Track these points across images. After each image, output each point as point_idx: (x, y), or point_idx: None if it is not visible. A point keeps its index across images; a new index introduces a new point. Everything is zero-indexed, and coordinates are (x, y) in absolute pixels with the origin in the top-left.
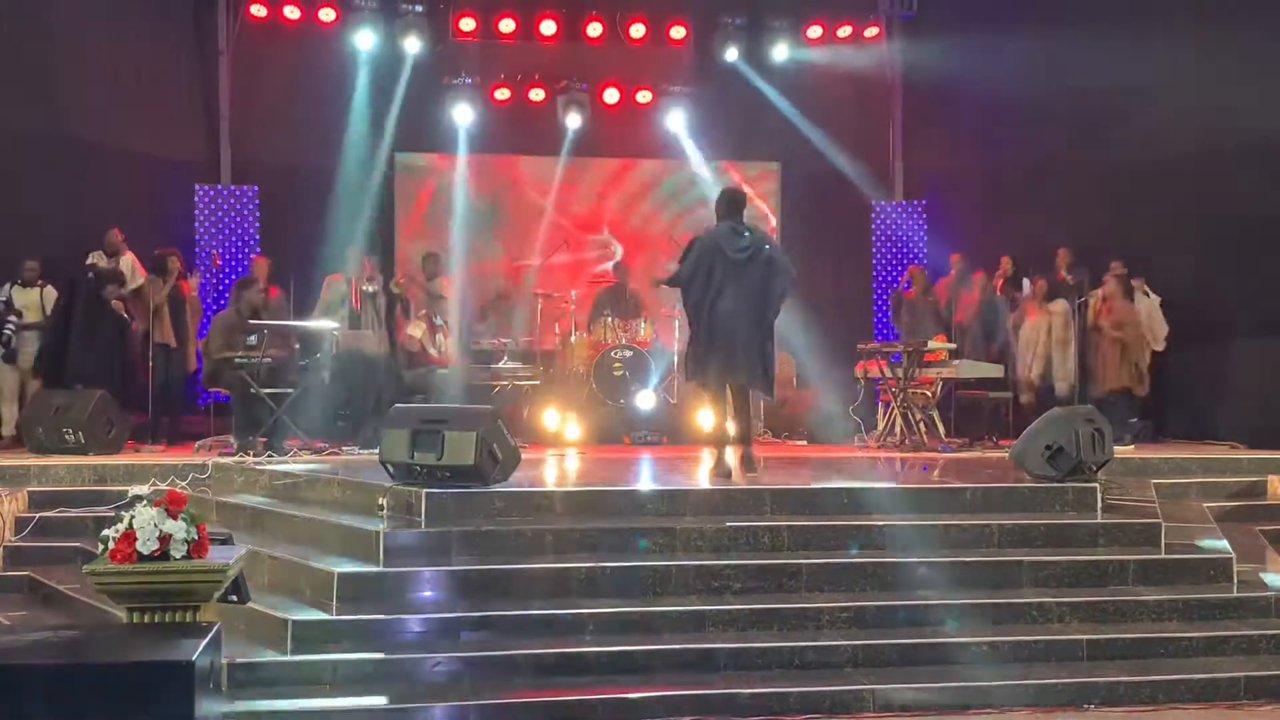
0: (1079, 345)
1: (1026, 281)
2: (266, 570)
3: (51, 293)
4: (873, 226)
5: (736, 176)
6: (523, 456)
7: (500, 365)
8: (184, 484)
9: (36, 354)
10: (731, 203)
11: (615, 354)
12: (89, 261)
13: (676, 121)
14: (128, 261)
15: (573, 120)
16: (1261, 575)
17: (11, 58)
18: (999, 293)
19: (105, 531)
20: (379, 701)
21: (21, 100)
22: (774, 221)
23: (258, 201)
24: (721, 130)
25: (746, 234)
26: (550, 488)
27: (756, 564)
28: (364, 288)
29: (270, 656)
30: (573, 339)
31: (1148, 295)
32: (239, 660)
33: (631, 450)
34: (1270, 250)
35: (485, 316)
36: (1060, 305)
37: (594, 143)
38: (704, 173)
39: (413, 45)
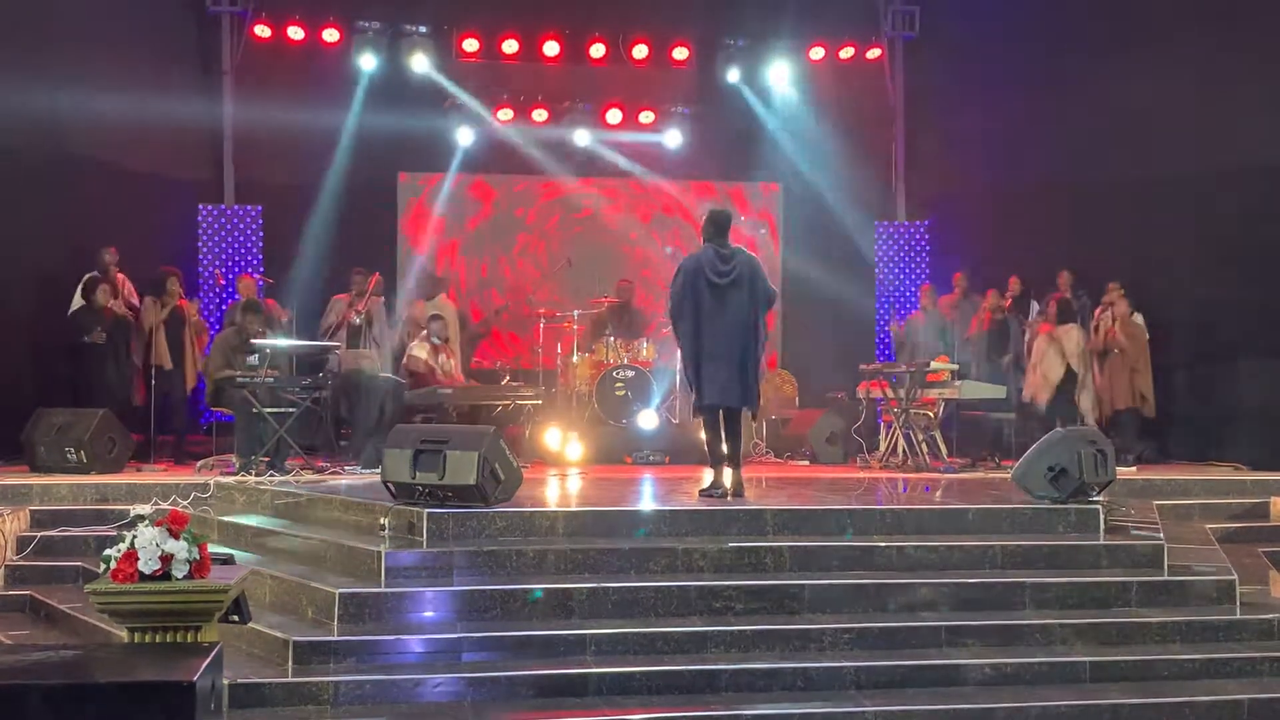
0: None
1: (1034, 303)
2: (268, 590)
3: None
4: (876, 247)
5: (738, 197)
6: (524, 476)
7: (502, 385)
8: (186, 503)
9: None
10: (716, 224)
11: (617, 374)
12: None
13: (679, 142)
14: (104, 291)
15: (576, 140)
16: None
17: (14, 76)
18: (1007, 312)
19: (107, 551)
20: None
21: (24, 119)
22: (777, 242)
23: (261, 221)
24: (724, 150)
25: (731, 256)
26: (552, 508)
27: (758, 584)
28: (353, 320)
29: (271, 677)
30: (575, 359)
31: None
32: (240, 680)
33: (634, 470)
34: (1273, 272)
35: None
36: (1075, 332)
37: (596, 162)
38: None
39: (418, 65)
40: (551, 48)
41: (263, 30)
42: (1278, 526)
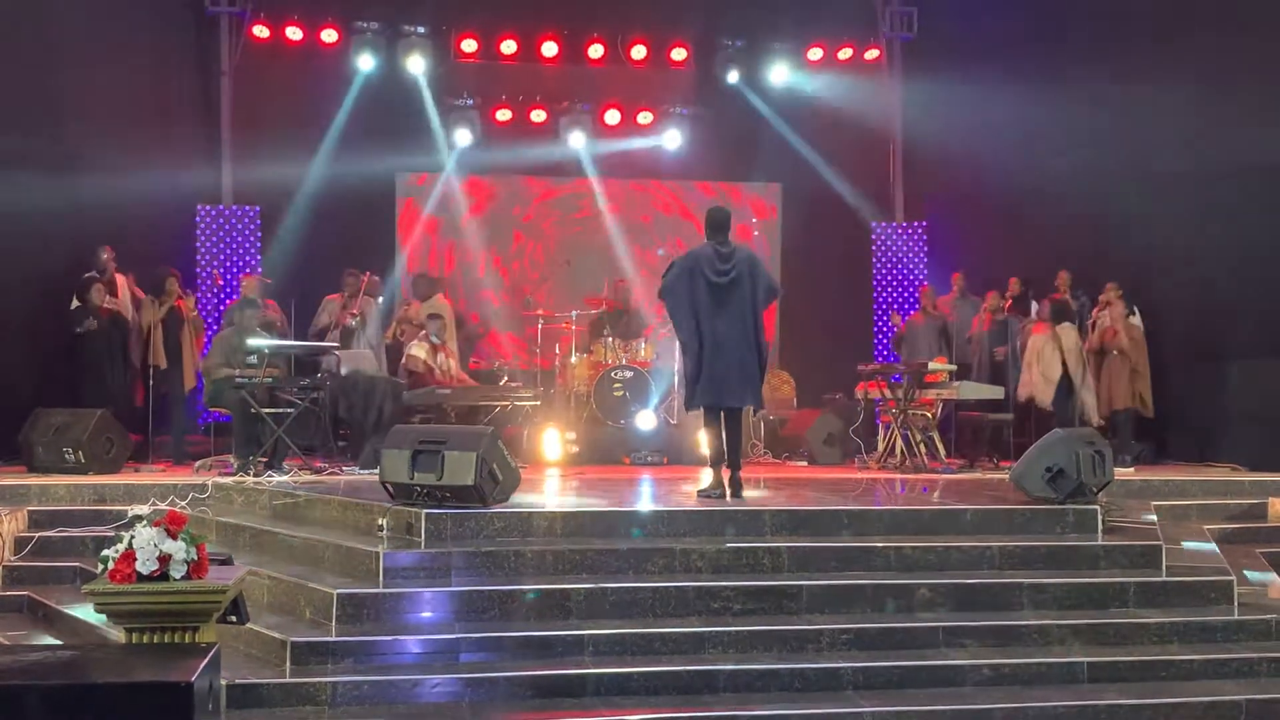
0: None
1: (1035, 304)
2: (266, 590)
3: None
4: (873, 248)
5: (737, 197)
6: (522, 477)
7: (500, 386)
8: (184, 504)
9: None
10: (714, 222)
11: (615, 374)
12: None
13: (678, 142)
14: (99, 291)
15: (574, 141)
16: (1244, 572)
17: (13, 77)
18: (1007, 313)
19: (105, 551)
20: None
21: (23, 119)
22: (776, 241)
23: (259, 222)
24: (723, 151)
25: (730, 255)
26: (550, 508)
27: (756, 585)
28: (347, 322)
29: (269, 677)
30: (573, 359)
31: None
32: (238, 681)
33: (632, 471)
34: (1271, 272)
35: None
36: (1071, 331)
37: (595, 163)
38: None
39: (415, 66)
40: (550, 48)
41: (261, 31)
42: (1275, 527)
